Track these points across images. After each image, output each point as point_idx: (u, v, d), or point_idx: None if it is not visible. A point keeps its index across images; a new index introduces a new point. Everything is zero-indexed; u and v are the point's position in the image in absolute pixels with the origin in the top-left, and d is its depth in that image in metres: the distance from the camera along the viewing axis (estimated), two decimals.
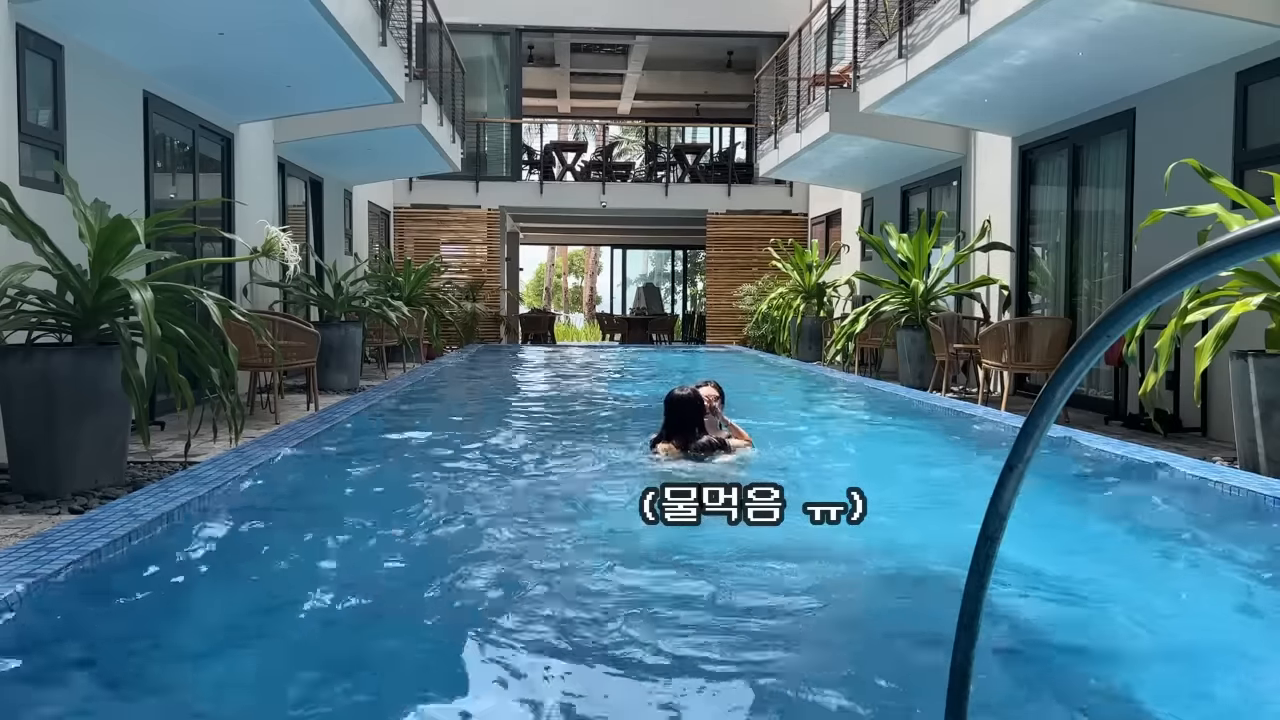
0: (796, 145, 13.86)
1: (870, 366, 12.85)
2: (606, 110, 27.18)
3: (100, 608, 3.11)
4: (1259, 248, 0.94)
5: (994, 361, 8.85)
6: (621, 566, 3.63)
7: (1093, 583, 3.58)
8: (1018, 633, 3.02)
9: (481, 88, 20.23)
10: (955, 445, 7.05)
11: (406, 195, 19.04)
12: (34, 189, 5.95)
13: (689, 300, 30.21)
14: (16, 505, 4.51)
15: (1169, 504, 4.83)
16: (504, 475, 5.51)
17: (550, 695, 2.50)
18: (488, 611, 3.14)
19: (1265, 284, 5.57)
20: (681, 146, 23.42)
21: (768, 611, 3.19)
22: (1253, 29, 6.54)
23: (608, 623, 3.04)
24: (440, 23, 13.00)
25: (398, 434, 7.13)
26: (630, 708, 2.48)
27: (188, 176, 9.00)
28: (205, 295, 5.28)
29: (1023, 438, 1.23)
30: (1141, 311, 1.07)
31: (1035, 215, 10.64)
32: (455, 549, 3.97)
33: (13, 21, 5.85)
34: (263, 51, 7.85)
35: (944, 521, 4.55)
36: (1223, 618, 3.25)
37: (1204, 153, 6.97)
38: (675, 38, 20.27)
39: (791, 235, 18.88)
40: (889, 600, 3.44)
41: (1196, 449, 6.50)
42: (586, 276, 48.06)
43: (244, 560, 3.79)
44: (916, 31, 9.02)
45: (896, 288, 11.16)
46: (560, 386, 11.34)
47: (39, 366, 4.77)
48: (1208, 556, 3.97)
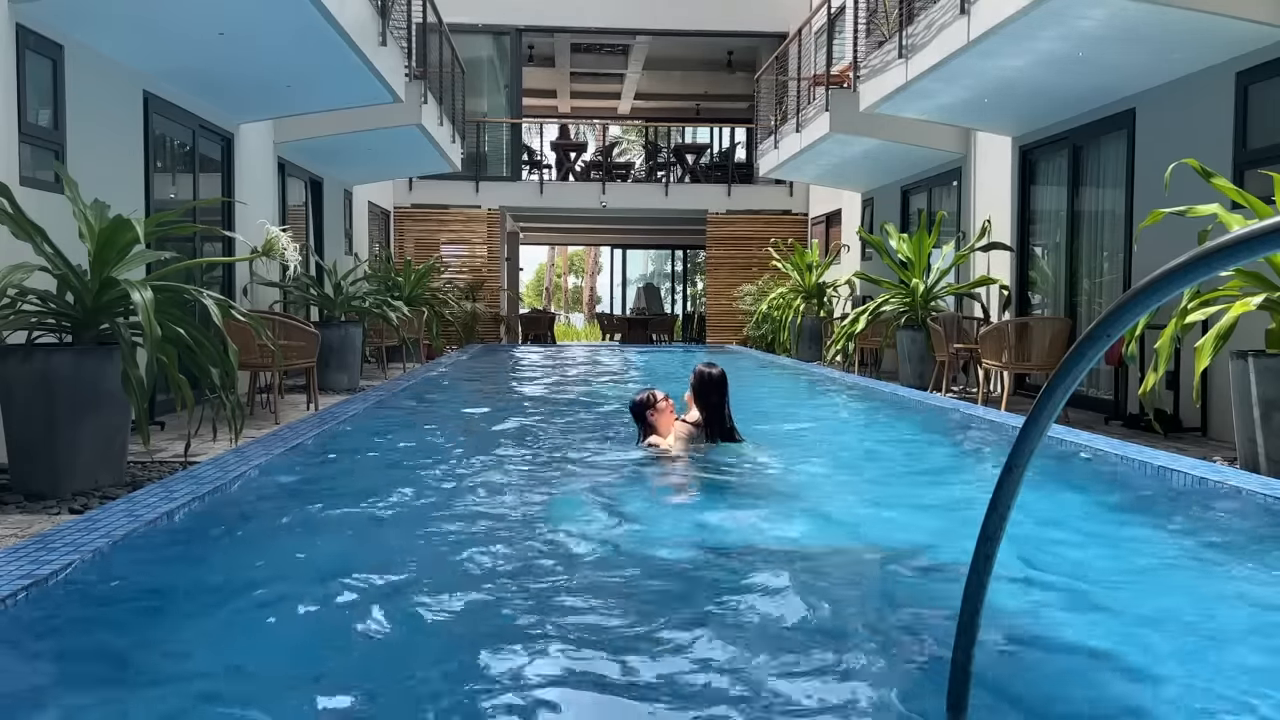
0: (796, 145, 13.86)
1: (870, 366, 12.85)
2: (606, 110, 27.18)
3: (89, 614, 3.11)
4: (1259, 248, 0.94)
5: (994, 361, 8.85)
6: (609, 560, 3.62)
7: (1093, 582, 3.58)
8: (1017, 632, 3.02)
9: (481, 88, 20.24)
10: (954, 445, 7.05)
11: (406, 195, 19.05)
12: (34, 189, 5.95)
13: (689, 300, 30.22)
14: (16, 505, 4.51)
15: (1170, 505, 4.83)
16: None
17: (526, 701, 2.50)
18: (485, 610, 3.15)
19: (1265, 284, 5.57)
20: (681, 146, 23.42)
21: (764, 610, 3.19)
22: (1253, 29, 6.54)
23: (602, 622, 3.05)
24: (440, 23, 13.00)
25: (407, 441, 7.13)
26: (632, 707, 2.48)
27: (188, 176, 9.00)
28: (205, 295, 5.28)
29: (1023, 438, 1.23)
30: (1141, 311, 1.07)
31: (1035, 215, 10.64)
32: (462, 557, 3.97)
33: (13, 21, 5.86)
34: (263, 51, 7.85)
35: (943, 521, 4.55)
36: (1222, 618, 3.25)
37: (1204, 153, 6.97)
38: (675, 38, 20.27)
39: (791, 235, 18.89)
40: (888, 600, 3.44)
41: (1196, 449, 6.50)
42: (586, 276, 48.07)
43: (242, 561, 3.79)
44: (916, 31, 9.02)
45: (896, 288, 11.16)
46: (561, 388, 11.35)
47: (39, 366, 4.77)
48: (1207, 556, 3.97)
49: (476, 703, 2.47)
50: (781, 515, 4.63)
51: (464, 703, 2.49)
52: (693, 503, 4.91)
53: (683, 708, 2.46)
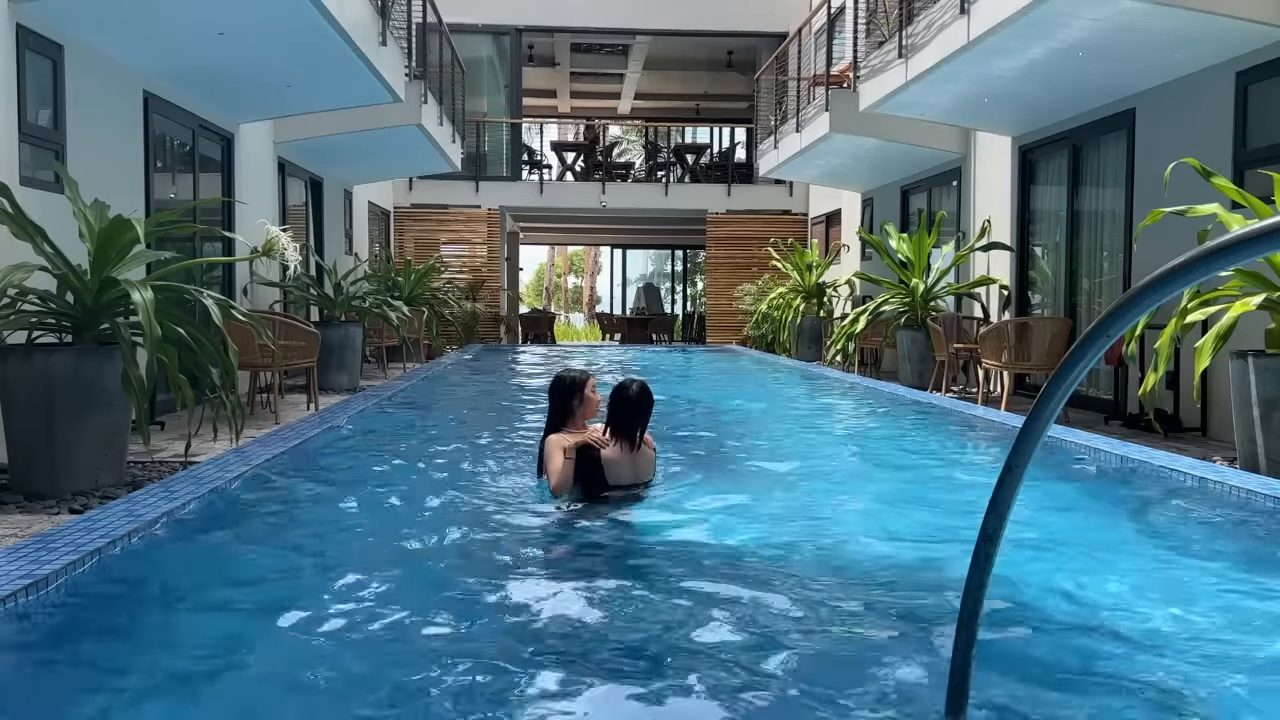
0: (796, 145, 13.86)
1: (870, 366, 12.85)
2: (606, 110, 27.18)
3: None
4: (1259, 248, 0.94)
5: (994, 361, 8.85)
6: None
7: (1093, 584, 3.58)
8: (1017, 631, 3.02)
9: (481, 88, 20.24)
10: (954, 445, 7.05)
11: (406, 195, 19.05)
12: (34, 189, 5.95)
13: (689, 300, 30.22)
14: (16, 505, 4.51)
15: (1170, 504, 4.84)
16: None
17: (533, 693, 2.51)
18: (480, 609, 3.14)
19: (1265, 284, 5.57)
20: (681, 146, 23.42)
21: (762, 609, 3.19)
22: (1253, 29, 6.54)
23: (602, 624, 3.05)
24: (440, 23, 13.00)
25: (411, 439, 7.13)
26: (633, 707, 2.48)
27: (188, 176, 9.00)
28: (205, 295, 5.28)
29: (1023, 438, 1.23)
30: (1141, 311, 1.07)
31: (1035, 215, 10.64)
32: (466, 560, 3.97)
33: (13, 21, 5.86)
34: (263, 51, 7.85)
35: (943, 521, 4.55)
36: (1226, 619, 3.25)
37: (1204, 153, 6.97)
38: (675, 38, 20.27)
39: (791, 235, 18.88)
40: (887, 600, 3.44)
41: (1196, 449, 6.50)
42: (586, 276, 48.07)
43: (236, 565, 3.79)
44: (916, 31, 9.02)
45: (896, 288, 11.16)
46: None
47: (39, 366, 4.77)
48: (1205, 556, 3.97)
49: (476, 704, 2.47)
50: (781, 515, 4.63)
51: (463, 703, 2.49)
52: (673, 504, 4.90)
53: (681, 706, 2.46)
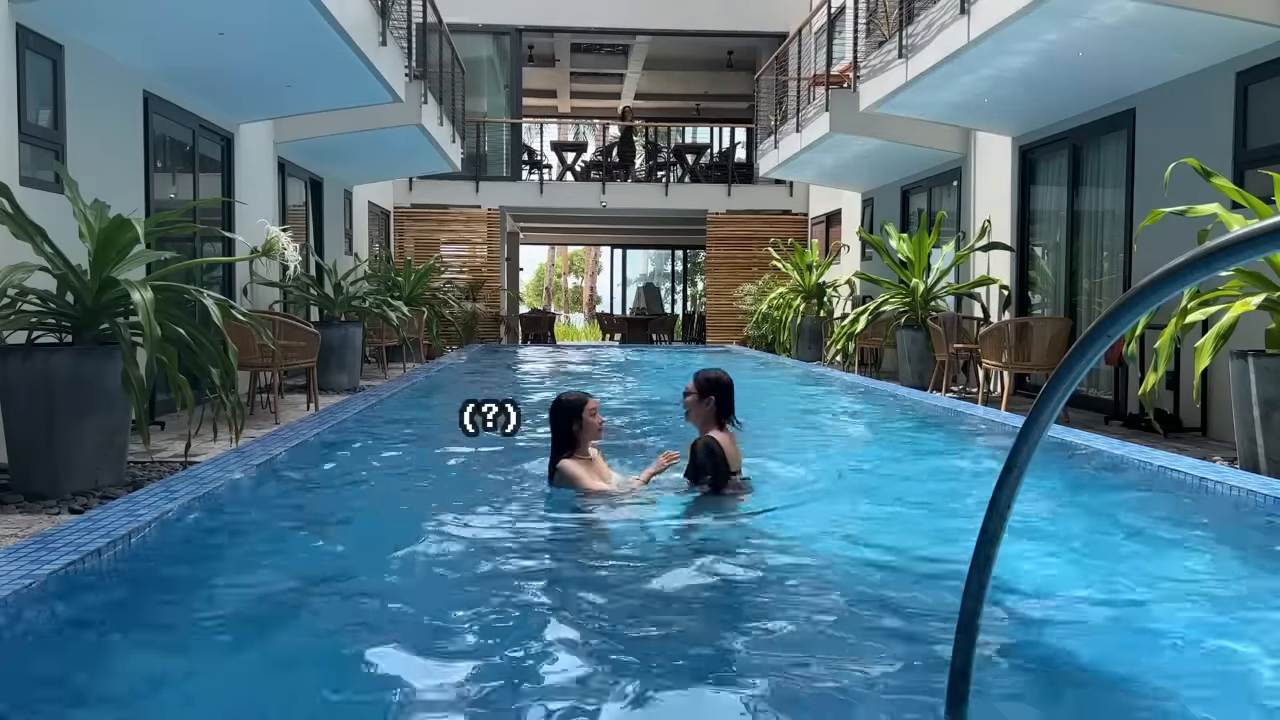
0: (796, 145, 13.86)
1: (870, 366, 12.85)
2: (606, 110, 27.17)
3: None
4: (1259, 248, 0.94)
5: (994, 361, 8.85)
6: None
7: (1093, 584, 3.58)
8: (1017, 632, 3.02)
9: (481, 88, 20.23)
10: (954, 445, 7.04)
11: (406, 195, 19.04)
12: (34, 189, 5.94)
13: (689, 300, 30.21)
14: (16, 505, 4.51)
15: (1169, 504, 4.83)
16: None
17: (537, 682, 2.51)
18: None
19: (1265, 284, 5.57)
20: (681, 146, 23.41)
21: (759, 609, 3.19)
22: (1253, 29, 6.53)
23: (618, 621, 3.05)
24: (440, 23, 13.00)
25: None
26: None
27: (188, 176, 9.00)
28: (205, 295, 5.28)
29: (1022, 438, 1.23)
30: (1141, 311, 1.07)
31: (1035, 215, 10.64)
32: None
33: (13, 21, 5.85)
34: (263, 52, 7.85)
35: (942, 521, 4.55)
36: (1226, 621, 3.25)
37: (1204, 153, 6.96)
38: (675, 38, 20.26)
39: (791, 235, 18.88)
40: (887, 600, 3.44)
41: (1196, 449, 6.50)
42: (586, 276, 48.06)
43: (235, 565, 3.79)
44: (916, 31, 9.02)
45: (896, 288, 11.16)
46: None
47: (39, 366, 4.77)
48: (1205, 556, 3.97)
49: (479, 704, 2.47)
50: (779, 515, 4.62)
51: (467, 705, 2.49)
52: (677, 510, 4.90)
53: (681, 707, 2.46)
